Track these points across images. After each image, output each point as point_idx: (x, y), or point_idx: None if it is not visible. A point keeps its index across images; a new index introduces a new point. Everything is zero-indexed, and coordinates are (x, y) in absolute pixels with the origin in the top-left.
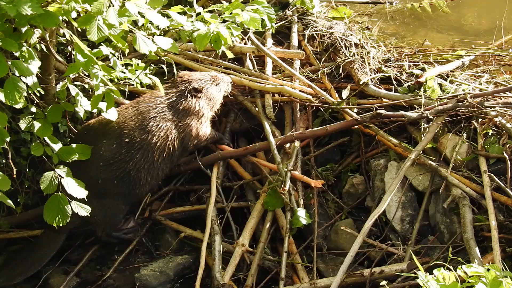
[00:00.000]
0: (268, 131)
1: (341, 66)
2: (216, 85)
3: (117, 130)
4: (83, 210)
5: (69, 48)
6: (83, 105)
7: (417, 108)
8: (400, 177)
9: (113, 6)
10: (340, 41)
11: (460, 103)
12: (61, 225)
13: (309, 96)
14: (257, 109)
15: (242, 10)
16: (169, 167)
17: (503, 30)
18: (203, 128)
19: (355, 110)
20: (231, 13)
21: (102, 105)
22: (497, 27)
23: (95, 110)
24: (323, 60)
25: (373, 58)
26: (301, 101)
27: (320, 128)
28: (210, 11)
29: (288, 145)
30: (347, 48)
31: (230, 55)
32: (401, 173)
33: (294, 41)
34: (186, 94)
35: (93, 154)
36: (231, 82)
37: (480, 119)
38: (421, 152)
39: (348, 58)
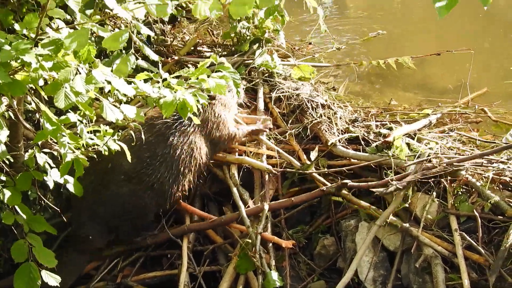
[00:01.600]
0: (237, 195)
1: (309, 127)
2: (229, 91)
3: (136, 146)
4: (53, 280)
5: (37, 115)
6: (53, 176)
7: (385, 167)
8: (370, 238)
9: (80, 74)
10: (306, 102)
11: (429, 170)
12: None
13: (271, 167)
14: (225, 174)
15: (208, 76)
16: (196, 177)
17: (469, 87)
18: (226, 131)
19: (325, 171)
20: (197, 79)
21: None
22: (462, 85)
23: None
24: (290, 121)
25: (340, 118)
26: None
27: (285, 200)
28: (177, 77)
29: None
30: (314, 109)
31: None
32: (370, 235)
33: (260, 105)
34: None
35: (113, 169)
36: (243, 88)
37: (449, 177)
38: (389, 217)
39: (315, 119)
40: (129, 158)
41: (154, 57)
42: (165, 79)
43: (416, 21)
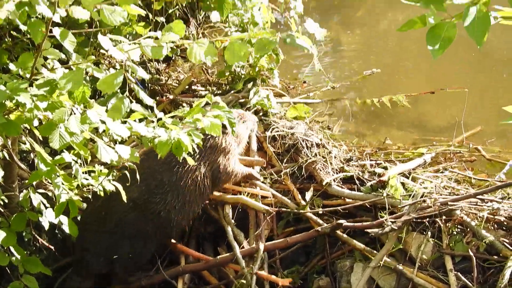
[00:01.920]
0: (231, 236)
1: (304, 166)
2: (243, 122)
3: (144, 174)
4: None
5: (32, 155)
6: (47, 217)
7: (380, 207)
8: (365, 279)
9: (74, 114)
10: (301, 142)
11: (424, 209)
12: None
13: (267, 207)
14: (219, 214)
15: (203, 115)
16: (200, 207)
17: (463, 126)
18: (231, 164)
19: (320, 210)
20: (192, 118)
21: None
22: (457, 124)
23: None
24: (285, 160)
25: (335, 157)
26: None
27: (281, 240)
28: (172, 117)
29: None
30: (309, 148)
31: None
32: (365, 276)
33: (254, 146)
34: None
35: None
36: (257, 121)
37: (444, 217)
38: (383, 258)
39: (310, 159)
40: (124, 198)
41: (149, 101)
42: (160, 119)
43: (410, 59)
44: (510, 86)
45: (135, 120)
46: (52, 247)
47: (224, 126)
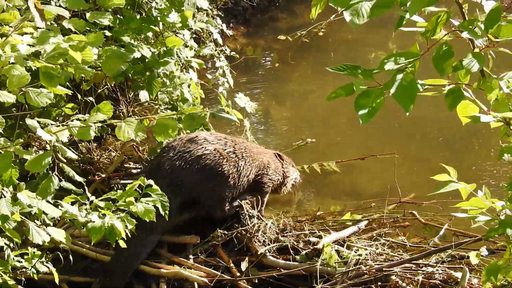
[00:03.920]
0: None
1: (239, 238)
2: (292, 166)
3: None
4: None
5: None
6: None
7: (315, 275)
8: None
9: (4, 197)
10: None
11: (360, 276)
12: None
13: (205, 279)
14: None
15: (136, 200)
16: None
17: (397, 192)
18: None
19: (256, 281)
20: (125, 201)
21: None
22: (388, 191)
23: None
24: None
25: (270, 228)
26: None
27: None
28: (105, 199)
29: None
30: (245, 220)
31: (123, 244)
32: None
33: None
34: (274, 154)
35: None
36: (300, 175)
37: (379, 283)
38: None
39: (245, 230)
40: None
41: (78, 178)
42: (92, 201)
43: (342, 129)
44: (442, 152)
45: (68, 203)
46: None
47: (280, 156)
